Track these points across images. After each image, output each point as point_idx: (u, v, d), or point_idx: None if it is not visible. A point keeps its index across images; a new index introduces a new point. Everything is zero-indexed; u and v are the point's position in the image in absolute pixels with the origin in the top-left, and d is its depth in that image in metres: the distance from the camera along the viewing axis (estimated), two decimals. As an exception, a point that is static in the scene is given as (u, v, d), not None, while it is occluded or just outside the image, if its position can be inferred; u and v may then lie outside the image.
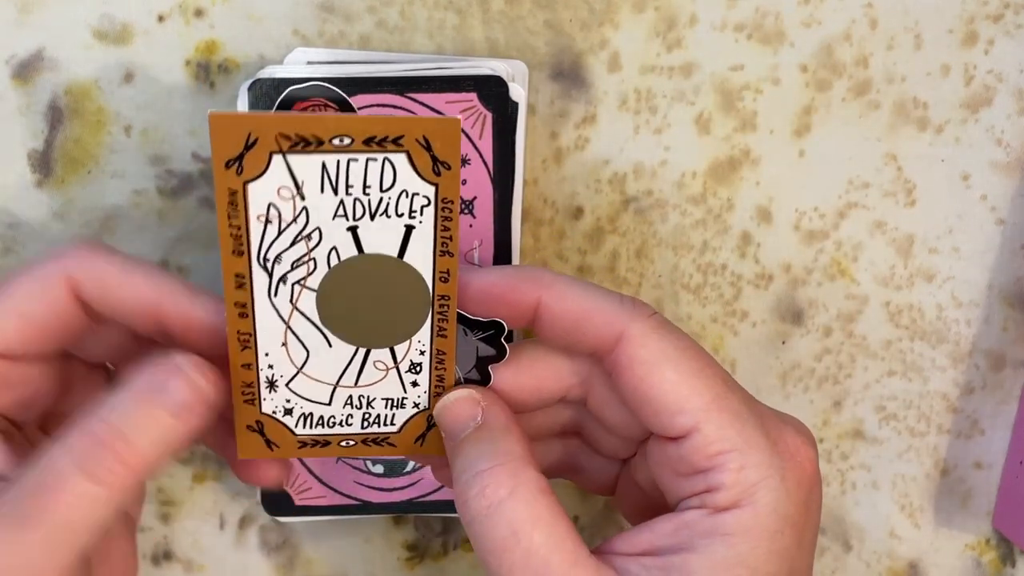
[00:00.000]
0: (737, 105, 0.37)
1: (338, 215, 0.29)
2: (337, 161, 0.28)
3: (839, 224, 0.39)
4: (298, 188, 0.28)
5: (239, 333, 0.30)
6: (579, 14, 0.36)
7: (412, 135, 0.28)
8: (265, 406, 0.31)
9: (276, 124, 0.27)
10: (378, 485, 0.37)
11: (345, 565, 0.40)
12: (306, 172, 0.28)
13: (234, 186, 0.28)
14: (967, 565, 0.41)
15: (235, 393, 0.31)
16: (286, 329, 0.30)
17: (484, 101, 0.34)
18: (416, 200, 0.29)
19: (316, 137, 0.28)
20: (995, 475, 0.41)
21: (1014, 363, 0.40)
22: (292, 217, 0.29)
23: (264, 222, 0.29)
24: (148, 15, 0.35)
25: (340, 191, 0.29)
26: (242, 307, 0.30)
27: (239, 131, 0.27)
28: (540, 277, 0.31)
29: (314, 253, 0.29)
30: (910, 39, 0.37)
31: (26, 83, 0.36)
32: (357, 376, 0.31)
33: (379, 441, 0.33)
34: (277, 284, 0.30)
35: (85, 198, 0.36)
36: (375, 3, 0.36)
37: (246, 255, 0.29)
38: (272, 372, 0.31)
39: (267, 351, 0.31)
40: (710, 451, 0.29)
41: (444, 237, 0.29)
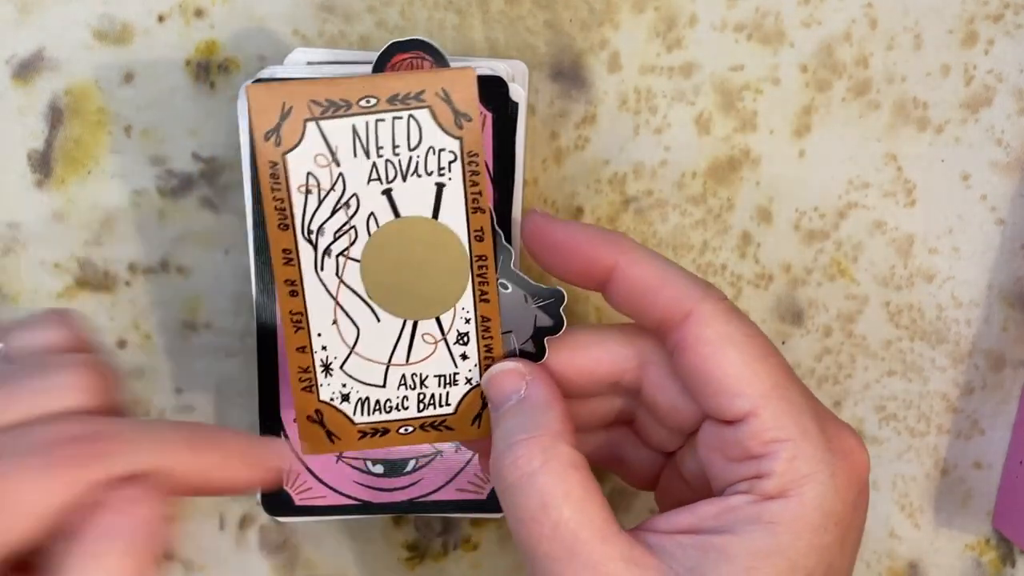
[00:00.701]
0: (737, 105, 0.37)
1: (372, 179, 0.29)
2: (366, 123, 0.29)
3: (839, 224, 0.39)
4: (333, 154, 0.29)
5: (291, 313, 0.30)
6: (579, 14, 0.36)
7: (432, 89, 0.29)
8: (323, 392, 0.31)
9: (308, 91, 0.28)
10: (378, 485, 0.37)
11: (345, 565, 0.40)
12: (339, 137, 0.29)
13: (275, 158, 0.28)
14: (967, 565, 0.41)
15: (293, 380, 0.31)
16: (335, 305, 0.30)
17: (484, 101, 0.34)
18: (443, 156, 0.29)
19: (345, 100, 0.28)
20: (995, 475, 0.41)
21: (1014, 363, 0.40)
22: (330, 185, 0.29)
23: (305, 193, 0.29)
24: (148, 15, 0.35)
25: (372, 154, 0.29)
26: (292, 284, 0.30)
27: (275, 101, 0.28)
28: (620, 241, 0.31)
29: (354, 221, 0.30)
30: (910, 39, 0.37)
31: (26, 83, 0.36)
32: (407, 352, 0.31)
33: (437, 425, 0.32)
34: (323, 257, 0.30)
35: (85, 198, 0.36)
36: (375, 3, 0.36)
37: (291, 229, 0.29)
38: (326, 354, 0.31)
39: (319, 331, 0.30)
40: (765, 437, 0.29)
41: (474, 193, 0.30)
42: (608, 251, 0.30)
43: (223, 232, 0.37)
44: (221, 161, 0.36)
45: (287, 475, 0.35)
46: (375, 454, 0.37)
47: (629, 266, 0.30)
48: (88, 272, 0.37)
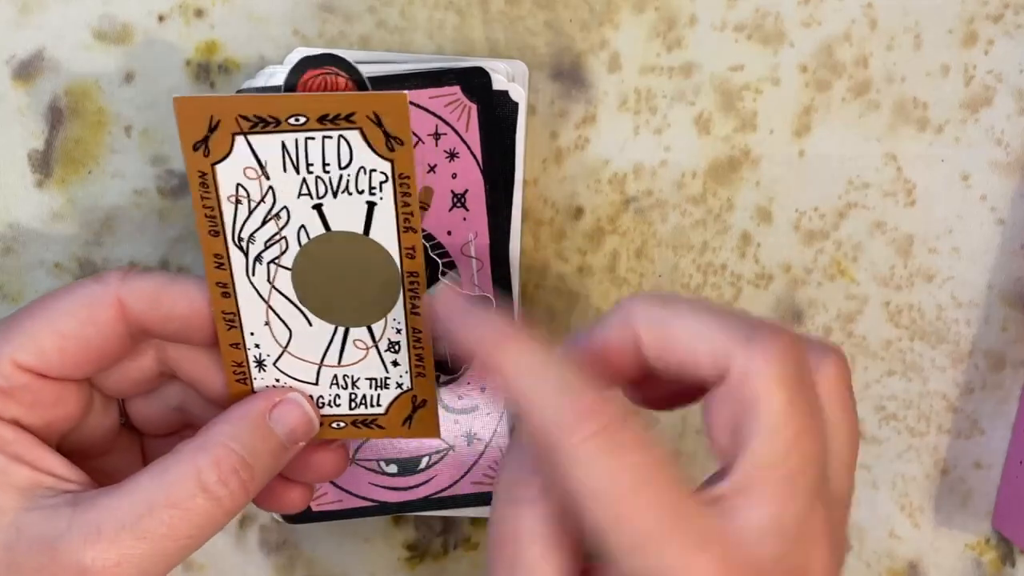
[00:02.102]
0: (737, 105, 0.37)
1: (302, 193, 0.30)
2: (296, 140, 0.29)
3: (839, 224, 0.39)
4: (262, 167, 0.29)
5: (224, 313, 0.31)
6: (579, 14, 0.36)
7: (363, 111, 0.29)
8: (256, 385, 0.32)
9: (235, 106, 0.29)
10: (393, 485, 0.37)
11: (345, 565, 0.40)
12: (268, 152, 0.29)
13: (203, 168, 0.29)
14: (967, 565, 0.41)
15: (227, 373, 0.32)
16: (267, 308, 0.31)
17: (468, 93, 0.34)
18: (375, 176, 0.30)
19: (273, 117, 0.29)
20: (995, 475, 0.41)
21: (1014, 363, 0.40)
22: (260, 197, 0.30)
23: (235, 202, 0.30)
24: (148, 15, 0.35)
25: (302, 170, 0.30)
26: (224, 287, 0.31)
27: (202, 114, 0.29)
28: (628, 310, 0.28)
29: (284, 232, 0.30)
30: (910, 39, 0.37)
31: (26, 83, 0.36)
32: (339, 355, 0.32)
33: (368, 423, 0.33)
34: (254, 263, 0.31)
35: (85, 198, 0.36)
36: (375, 3, 0.36)
37: (222, 235, 0.30)
38: (259, 351, 0.32)
39: (252, 330, 0.31)
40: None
41: (405, 213, 0.30)
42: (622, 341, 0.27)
43: (223, 232, 0.37)
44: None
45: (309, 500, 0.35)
46: (386, 454, 0.37)
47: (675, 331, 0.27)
48: (88, 272, 0.37)
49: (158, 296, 0.31)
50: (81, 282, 0.31)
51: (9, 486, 0.29)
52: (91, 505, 0.29)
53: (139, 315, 0.31)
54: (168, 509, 0.29)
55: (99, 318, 0.31)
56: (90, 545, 0.28)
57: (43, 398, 0.31)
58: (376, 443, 0.36)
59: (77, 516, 0.29)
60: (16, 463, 0.30)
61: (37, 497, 0.29)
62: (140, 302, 0.31)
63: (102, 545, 0.28)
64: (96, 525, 0.28)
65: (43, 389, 0.31)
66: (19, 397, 0.30)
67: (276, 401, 0.32)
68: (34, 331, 0.30)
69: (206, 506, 0.29)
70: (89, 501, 0.29)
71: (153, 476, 0.29)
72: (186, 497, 0.29)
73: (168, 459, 0.30)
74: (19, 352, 0.30)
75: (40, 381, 0.31)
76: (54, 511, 0.29)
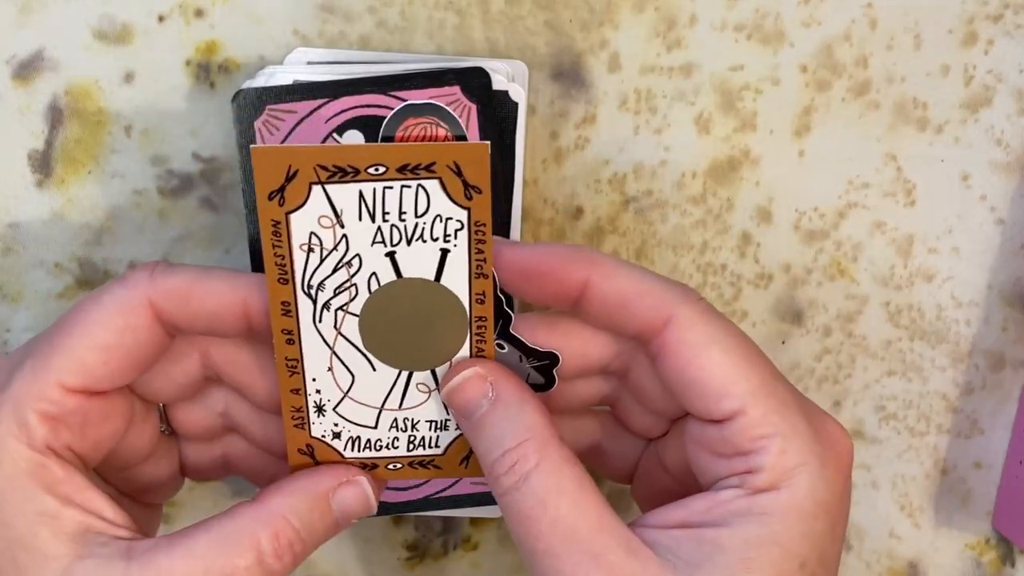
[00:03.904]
0: (737, 105, 0.37)
1: (376, 241, 0.30)
2: (373, 189, 0.29)
3: (839, 224, 0.39)
4: (337, 216, 0.29)
5: (287, 359, 0.31)
6: (579, 14, 0.36)
7: (443, 161, 0.29)
8: (314, 430, 0.32)
9: (314, 156, 0.28)
10: (393, 485, 0.37)
11: (345, 565, 0.40)
12: (344, 201, 0.29)
13: (277, 217, 0.29)
14: (967, 565, 0.41)
15: (285, 418, 0.32)
16: (331, 354, 0.31)
17: (467, 93, 0.34)
18: (450, 224, 0.30)
19: (352, 167, 0.29)
20: (995, 475, 0.41)
21: (1014, 363, 0.40)
22: (333, 245, 0.30)
23: (307, 251, 0.29)
24: (148, 15, 0.35)
25: (377, 218, 0.29)
26: (288, 334, 0.30)
27: (280, 164, 0.28)
28: (589, 255, 0.30)
29: (355, 279, 0.30)
30: (910, 39, 0.37)
31: (26, 83, 0.36)
32: (401, 399, 0.32)
33: (425, 464, 0.33)
34: (321, 311, 0.30)
35: (85, 198, 0.36)
36: (375, 3, 0.36)
37: (291, 283, 0.30)
38: (320, 397, 0.32)
39: (314, 376, 0.31)
40: (754, 434, 0.29)
41: (478, 259, 0.30)
42: (578, 267, 0.30)
43: (223, 232, 0.37)
44: (221, 161, 0.36)
45: None
46: None
47: (603, 280, 0.30)
48: (88, 272, 0.37)
49: (188, 294, 0.30)
50: (108, 288, 0.30)
51: (61, 532, 0.28)
52: (148, 562, 0.28)
53: (171, 315, 0.30)
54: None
55: (135, 324, 0.30)
56: None
57: (92, 417, 0.30)
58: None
59: (133, 571, 0.28)
60: (68, 506, 0.29)
61: (89, 544, 0.29)
62: (171, 302, 0.30)
63: None
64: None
65: (92, 408, 0.30)
66: (70, 421, 0.30)
67: (342, 482, 0.31)
68: (73, 349, 0.29)
69: (258, 574, 0.29)
70: (145, 556, 0.28)
71: (211, 539, 0.29)
72: (243, 567, 0.29)
73: (226, 522, 0.30)
74: (65, 374, 0.29)
75: (89, 400, 0.30)
76: (108, 562, 0.28)
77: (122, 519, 0.30)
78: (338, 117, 0.34)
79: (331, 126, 0.34)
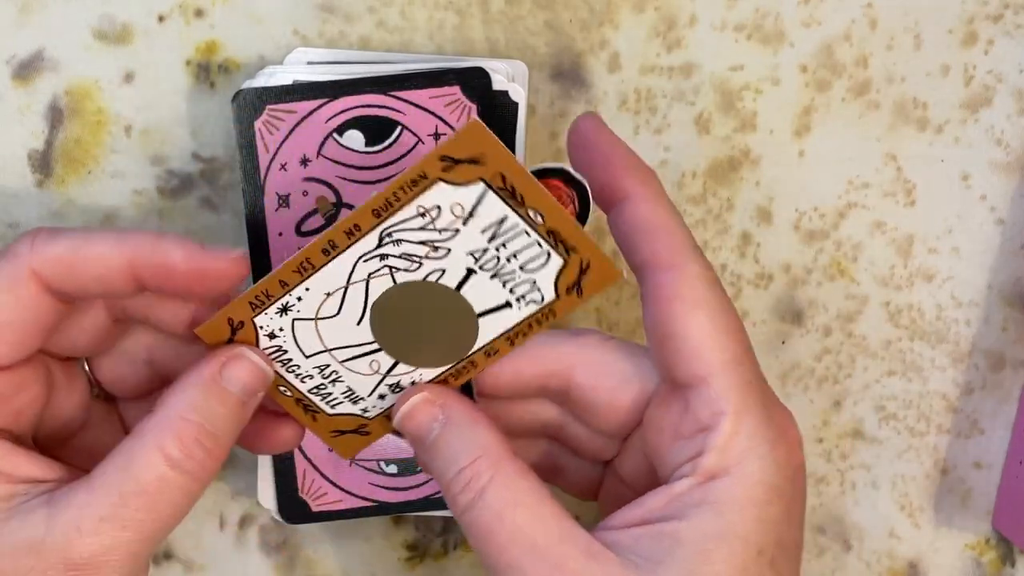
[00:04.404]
0: (737, 105, 0.37)
1: (473, 254, 0.30)
2: (517, 224, 0.29)
3: (839, 224, 0.39)
4: (470, 215, 0.29)
5: (307, 259, 0.30)
6: (579, 14, 0.36)
7: (582, 254, 0.29)
8: (261, 319, 0.31)
9: (506, 164, 0.28)
10: (393, 485, 0.37)
11: (345, 565, 0.40)
12: (489, 212, 0.29)
13: (433, 175, 0.28)
14: (967, 565, 0.41)
15: (246, 294, 0.31)
16: (344, 288, 0.30)
17: (468, 93, 0.34)
18: (533, 294, 0.30)
19: (521, 196, 0.28)
20: (995, 475, 0.41)
21: (1014, 363, 0.40)
22: (439, 231, 0.29)
23: (419, 213, 0.29)
24: (148, 15, 0.35)
25: (494, 243, 0.29)
26: (333, 247, 0.30)
27: (482, 146, 0.28)
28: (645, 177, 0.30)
29: (424, 262, 0.30)
30: (910, 39, 0.37)
31: (26, 83, 0.36)
32: (349, 358, 0.32)
33: (309, 410, 0.33)
34: (374, 257, 0.30)
35: (85, 198, 0.36)
36: (375, 3, 0.36)
37: (380, 219, 0.29)
38: (293, 302, 0.31)
39: (310, 287, 0.30)
40: (712, 408, 0.29)
41: (521, 332, 0.31)
42: (630, 181, 0.30)
43: (223, 232, 0.37)
44: (221, 161, 0.36)
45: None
46: (386, 455, 0.37)
47: (639, 202, 0.30)
48: (88, 272, 0.37)
49: (71, 261, 0.30)
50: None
51: None
52: (66, 504, 0.29)
53: (57, 284, 0.30)
54: (141, 496, 0.29)
55: (22, 297, 0.30)
56: (75, 542, 0.28)
57: (3, 391, 0.30)
58: (376, 443, 0.37)
59: (54, 517, 0.28)
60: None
61: (13, 505, 0.29)
62: (55, 271, 0.30)
63: (87, 540, 0.28)
64: (75, 524, 0.28)
65: (1, 382, 0.30)
66: None
67: (224, 360, 0.31)
68: None
69: (178, 481, 0.29)
70: (63, 500, 0.29)
71: (119, 465, 0.29)
72: (156, 479, 0.29)
73: (131, 442, 0.29)
74: None
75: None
76: (30, 514, 0.29)
77: (51, 472, 0.30)
78: (338, 117, 0.34)
79: (331, 126, 0.34)
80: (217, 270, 0.30)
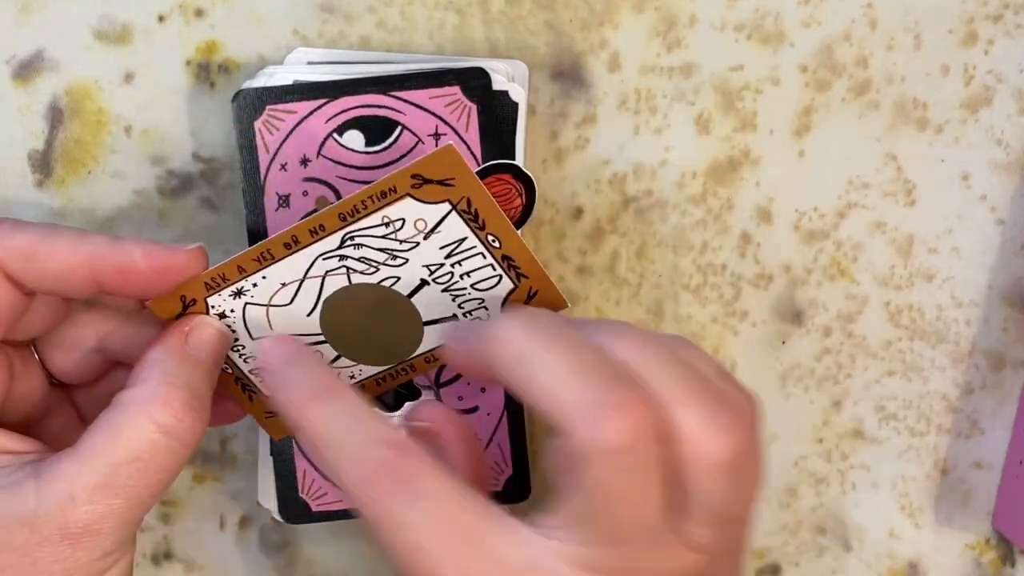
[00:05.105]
0: (737, 105, 0.37)
1: (429, 267, 0.31)
2: (475, 246, 0.30)
3: (839, 224, 0.39)
4: (432, 231, 0.30)
5: (268, 250, 0.30)
6: (579, 14, 0.36)
7: (532, 281, 0.31)
8: (214, 299, 0.32)
9: (474, 190, 0.29)
10: None
11: (345, 565, 0.40)
12: (450, 231, 0.30)
13: (402, 189, 0.29)
14: (967, 565, 0.41)
15: (203, 275, 0.31)
16: (300, 281, 0.31)
17: (468, 93, 0.34)
18: (480, 312, 0.32)
19: (483, 221, 0.30)
20: (995, 475, 0.41)
21: (1014, 363, 0.40)
22: (400, 241, 0.30)
23: (384, 223, 0.30)
24: (148, 15, 0.35)
25: (450, 260, 0.31)
26: (295, 241, 0.30)
27: (450, 169, 0.29)
28: None
29: (382, 267, 0.31)
30: (910, 39, 0.37)
31: (26, 83, 0.36)
32: None
33: (247, 389, 0.34)
34: (334, 257, 0.31)
35: (85, 198, 0.36)
36: (375, 3, 0.36)
37: (345, 222, 0.30)
38: (248, 288, 0.31)
39: (267, 276, 0.31)
40: None
41: None
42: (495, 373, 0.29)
43: (223, 232, 0.37)
44: (221, 161, 0.36)
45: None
46: None
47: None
48: (88, 272, 0.37)
49: (32, 253, 0.30)
50: None
51: None
52: (54, 476, 0.29)
53: (17, 275, 0.30)
54: (135, 462, 0.29)
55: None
56: (68, 512, 0.28)
57: None
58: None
59: (44, 488, 0.28)
60: None
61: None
62: (16, 261, 0.30)
63: (81, 509, 0.28)
64: (68, 494, 0.28)
65: None
66: None
67: (187, 330, 0.31)
68: None
69: (169, 446, 0.29)
70: (50, 471, 0.29)
71: (106, 435, 0.29)
72: (149, 445, 0.29)
73: (115, 413, 0.29)
74: None
75: None
76: (17, 487, 0.29)
77: (26, 445, 0.30)
78: (338, 117, 0.34)
79: (331, 126, 0.34)
80: (176, 264, 0.30)
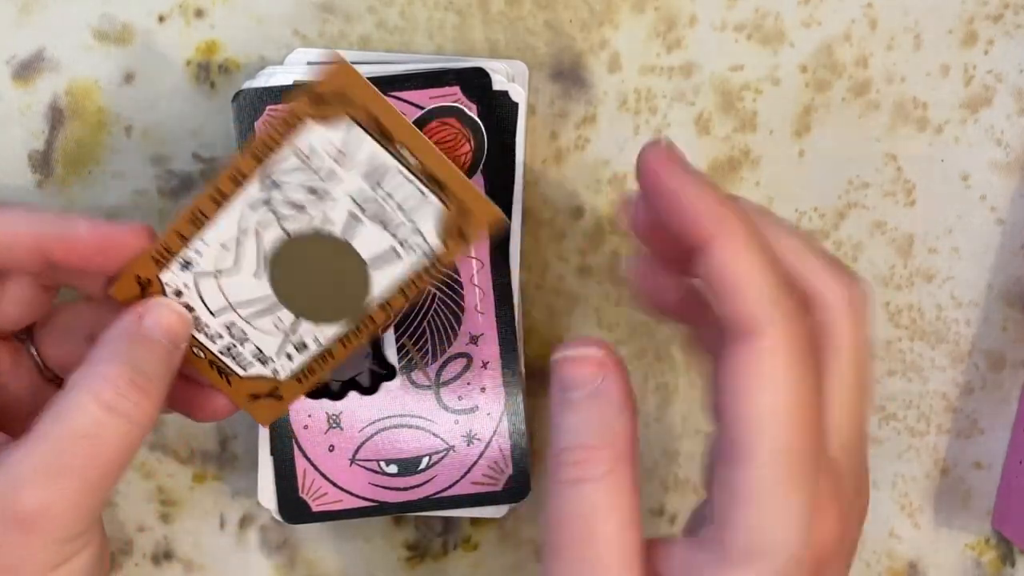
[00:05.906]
0: (737, 105, 0.37)
1: (354, 198, 0.30)
2: (388, 163, 0.29)
3: (839, 224, 0.39)
4: (343, 156, 0.29)
5: (199, 210, 0.31)
6: (579, 14, 0.36)
7: (460, 198, 0.29)
8: (166, 276, 0.32)
9: (372, 100, 0.28)
10: (393, 485, 0.37)
11: (345, 565, 0.40)
12: (363, 152, 0.29)
13: (302, 113, 0.29)
14: (967, 565, 0.41)
15: (148, 250, 0.31)
16: (236, 238, 0.31)
17: (467, 93, 0.34)
18: (419, 244, 0.30)
19: (390, 134, 0.29)
20: (995, 475, 0.41)
21: (1014, 363, 0.40)
22: (316, 172, 0.30)
23: (296, 155, 0.29)
24: (148, 15, 0.35)
25: (373, 186, 0.30)
26: (221, 195, 0.30)
27: (344, 83, 0.28)
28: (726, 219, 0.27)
29: (311, 207, 0.30)
30: (910, 39, 0.37)
31: (26, 83, 0.36)
32: (255, 315, 0.32)
33: (222, 372, 0.33)
34: (263, 204, 0.30)
35: (86, 198, 0.36)
36: (375, 3, 0.36)
37: (260, 163, 0.30)
38: (193, 256, 0.31)
39: (206, 241, 0.31)
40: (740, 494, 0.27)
41: (412, 283, 0.31)
42: (704, 227, 0.27)
43: (223, 232, 0.37)
44: (221, 161, 0.36)
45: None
46: (386, 455, 0.37)
47: (715, 252, 0.27)
48: (88, 272, 0.37)
49: None
50: None
51: None
52: (4, 460, 0.29)
53: None
54: (80, 441, 0.29)
55: None
56: (16, 495, 0.28)
57: None
58: (376, 443, 0.37)
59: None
60: None
61: None
62: None
63: (27, 492, 0.28)
64: (17, 478, 0.28)
65: None
66: None
67: (140, 311, 0.31)
68: None
69: (114, 424, 0.29)
70: (2, 460, 0.29)
71: (53, 417, 0.29)
72: (92, 423, 0.29)
73: (62, 395, 0.30)
74: None
75: None
76: None
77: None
78: (338, 117, 0.34)
79: (331, 126, 0.34)
80: (119, 238, 0.31)
